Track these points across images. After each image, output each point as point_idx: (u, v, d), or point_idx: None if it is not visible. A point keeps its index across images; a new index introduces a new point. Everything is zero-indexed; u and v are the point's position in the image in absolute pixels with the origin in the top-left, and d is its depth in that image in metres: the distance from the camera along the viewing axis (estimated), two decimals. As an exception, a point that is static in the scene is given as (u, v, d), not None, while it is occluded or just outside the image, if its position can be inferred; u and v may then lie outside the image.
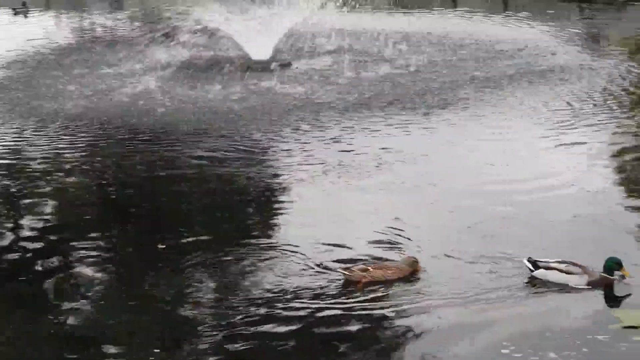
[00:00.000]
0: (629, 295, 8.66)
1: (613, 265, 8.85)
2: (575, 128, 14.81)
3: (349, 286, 8.95)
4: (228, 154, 13.54)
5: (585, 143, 13.92)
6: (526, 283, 8.92)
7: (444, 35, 23.79)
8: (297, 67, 19.80)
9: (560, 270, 8.94)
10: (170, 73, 19.21)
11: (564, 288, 8.80)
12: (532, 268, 9.04)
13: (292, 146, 13.92)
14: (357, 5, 24.32)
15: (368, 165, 12.82)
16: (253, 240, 10.12)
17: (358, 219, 10.83)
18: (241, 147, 13.87)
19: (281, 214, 11.22)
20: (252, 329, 8.10)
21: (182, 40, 21.31)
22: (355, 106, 16.27)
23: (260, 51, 20.25)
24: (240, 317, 8.30)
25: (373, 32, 22.72)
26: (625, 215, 10.84)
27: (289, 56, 20.63)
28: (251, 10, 21.83)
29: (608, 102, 16.62)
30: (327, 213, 11.08)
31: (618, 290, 8.76)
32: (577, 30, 25.16)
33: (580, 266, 8.97)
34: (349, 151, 13.52)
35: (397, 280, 9.07)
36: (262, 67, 19.43)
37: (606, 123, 15.17)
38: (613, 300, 8.67)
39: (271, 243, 10.06)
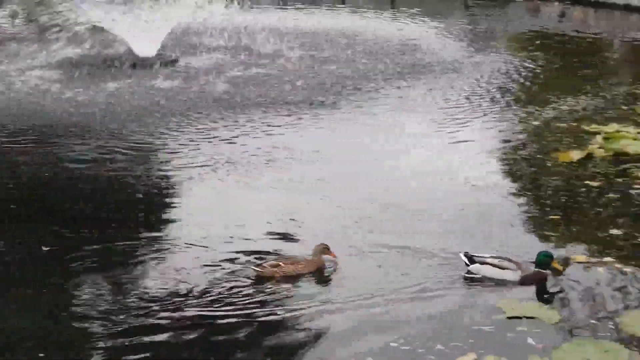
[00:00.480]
0: (562, 291, 8.80)
1: (545, 259, 8.95)
2: (465, 123, 15.12)
3: (261, 282, 8.94)
4: (115, 153, 13.29)
5: (474, 138, 14.26)
6: (464, 276, 9.05)
7: (335, 32, 23.90)
8: (184, 64, 19.57)
9: (494, 265, 9.03)
10: (55, 72, 18.69)
11: (498, 283, 8.90)
12: (467, 262, 9.13)
13: (180, 144, 13.76)
14: (246, 2, 24.22)
15: (258, 162, 12.80)
16: (143, 241, 9.97)
17: (248, 216, 10.78)
18: (128, 146, 13.62)
19: (170, 213, 11.09)
20: (145, 337, 7.96)
21: (67, 38, 20.76)
22: (244, 103, 16.21)
23: (146, 48, 19.92)
24: (131, 320, 8.16)
25: (263, 29, 22.65)
26: (511, 208, 11.15)
27: (175, 53, 20.39)
28: (137, 6, 21.45)
29: (496, 97, 17.01)
30: (217, 211, 11.01)
31: (550, 285, 8.90)
32: (464, 26, 25.65)
33: (514, 262, 9.08)
34: (238, 149, 13.46)
35: (309, 273, 9.12)
36: (149, 65, 19.14)
37: (494, 118, 15.54)
38: (544, 295, 8.75)
39: (161, 242, 9.93)
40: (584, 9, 29.39)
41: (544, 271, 8.95)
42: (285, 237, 10.07)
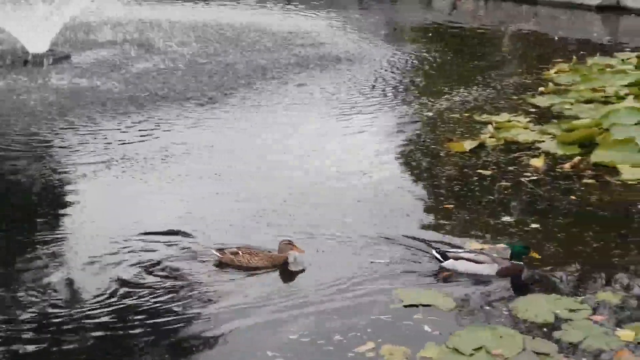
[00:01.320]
0: (538, 281, 8.86)
1: (522, 250, 8.96)
2: (360, 114, 15.27)
3: (221, 268, 9.04)
4: (6, 151, 12.92)
5: (369, 130, 14.41)
6: (436, 273, 9.03)
7: (229, 25, 23.79)
8: (76, 60, 19.17)
9: (470, 260, 9.01)
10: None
11: (474, 278, 8.89)
12: (441, 259, 9.12)
13: (72, 141, 13.46)
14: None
15: (153, 158, 12.62)
16: (33, 239, 9.73)
17: (144, 213, 10.63)
18: (19, 144, 13.27)
19: (63, 211, 10.83)
20: (35, 335, 7.78)
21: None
22: (138, 99, 15.97)
23: (38, 44, 19.43)
24: (26, 327, 7.96)
25: (157, 24, 22.38)
26: (406, 197, 11.31)
27: (68, 49, 19.95)
28: (29, 1, 20.89)
29: (390, 88, 17.24)
30: (112, 209, 10.82)
31: (526, 277, 8.95)
32: (358, 19, 25.89)
33: (489, 255, 9.10)
34: (133, 145, 13.26)
35: (265, 268, 9.07)
36: (40, 61, 18.67)
37: (389, 109, 15.74)
38: (520, 287, 8.76)
39: (54, 240, 9.68)
40: (475, 1, 30.02)
41: (520, 263, 8.95)
42: (183, 232, 9.95)
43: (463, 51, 21.43)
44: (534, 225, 10.30)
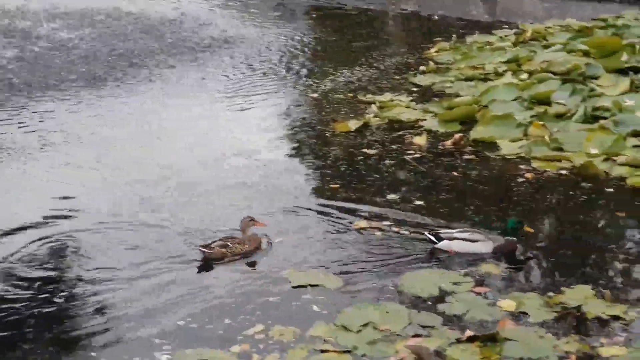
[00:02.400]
0: (531, 257, 8.93)
1: (516, 225, 8.97)
2: (245, 97, 15.20)
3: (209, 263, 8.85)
4: None
5: (255, 112, 14.36)
6: (430, 254, 9.04)
7: (108, 10, 23.26)
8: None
9: (465, 240, 9.00)
10: None
11: (470, 257, 8.89)
12: (435, 240, 9.09)
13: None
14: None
15: (33, 147, 12.28)
16: None
17: (25, 202, 10.35)
18: None
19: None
20: None
21: None
22: (14, 86, 15.46)
23: None
24: None
25: (35, 11, 21.71)
26: (293, 179, 11.33)
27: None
28: None
29: (274, 70, 17.20)
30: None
31: (520, 254, 9.00)
32: (232, 2, 25.65)
33: (482, 233, 9.09)
34: (10, 134, 12.85)
35: (255, 250, 9.07)
36: None
37: (274, 91, 15.71)
38: (516, 263, 8.84)
39: None
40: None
41: (513, 239, 8.98)
42: (66, 220, 9.73)
43: (346, 32, 21.54)
44: (418, 202, 10.48)
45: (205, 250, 8.90)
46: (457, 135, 12.77)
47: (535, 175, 11.36)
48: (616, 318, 7.62)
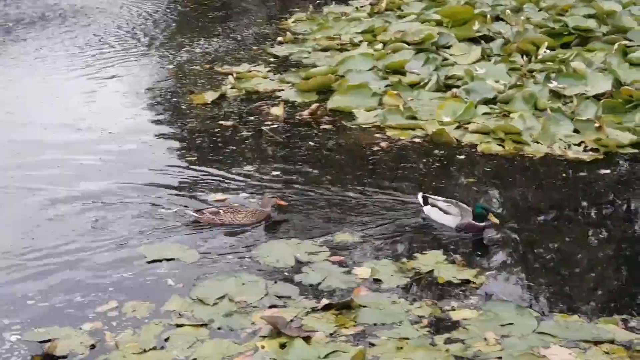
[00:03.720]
0: (498, 243, 8.71)
1: (481, 211, 8.73)
2: (100, 70, 14.87)
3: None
4: None
5: (110, 86, 14.05)
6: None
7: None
8: None
9: (440, 209, 8.94)
10: None
11: (441, 227, 8.89)
12: (422, 203, 9.11)
13: None
14: None
15: None
16: None
17: None
18: None
19: None
20: None
21: None
22: None
23: None
24: None
25: None
26: (149, 152, 11.13)
27: None
28: None
29: (129, 43, 16.85)
30: None
31: (488, 239, 8.80)
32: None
33: (461, 208, 8.92)
34: None
35: (251, 224, 8.94)
36: None
37: (129, 64, 15.41)
38: (480, 245, 8.65)
39: None
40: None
41: (479, 224, 8.77)
42: None
43: (203, 1, 21.26)
44: (275, 173, 10.47)
45: (195, 214, 8.99)
46: (314, 106, 12.81)
47: (389, 143, 11.52)
48: (467, 282, 7.82)
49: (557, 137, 11.48)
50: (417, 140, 11.66)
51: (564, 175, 10.48)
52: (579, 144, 11.33)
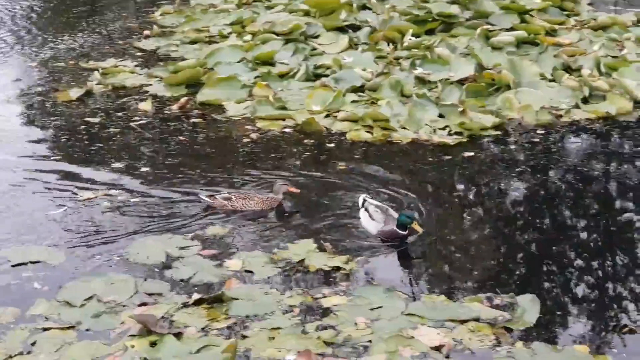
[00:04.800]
0: (423, 253, 8.46)
1: (405, 220, 8.44)
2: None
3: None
4: None
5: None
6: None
7: None
8: None
9: (368, 214, 8.71)
10: None
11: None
12: (359, 205, 8.91)
13: None
14: None
15: None
16: None
17: None
18: None
19: None
20: None
21: None
22: None
23: None
24: None
25: None
26: (9, 154, 10.80)
27: None
28: None
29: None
30: None
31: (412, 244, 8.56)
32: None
33: (388, 215, 8.63)
34: None
35: (262, 210, 9.13)
36: None
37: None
38: (406, 254, 8.40)
39: None
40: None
41: (400, 232, 8.48)
42: None
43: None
44: (144, 169, 10.33)
45: (208, 199, 9.18)
46: (183, 99, 12.70)
47: (260, 135, 11.52)
48: (337, 269, 7.90)
49: (423, 122, 11.72)
50: (287, 130, 11.70)
51: (430, 159, 10.71)
52: (444, 128, 11.60)
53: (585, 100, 12.50)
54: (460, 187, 10.00)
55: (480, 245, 8.54)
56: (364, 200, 9.00)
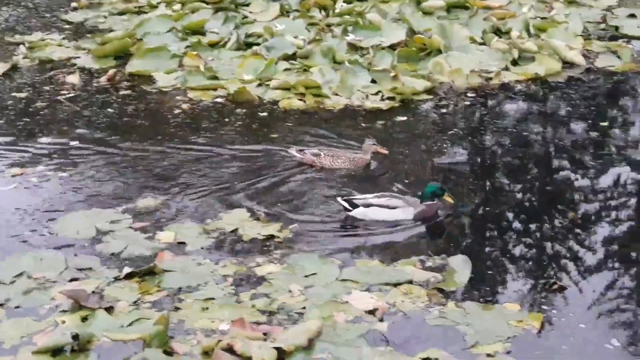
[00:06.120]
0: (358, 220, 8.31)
1: (436, 191, 8.18)
2: None
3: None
4: None
5: None
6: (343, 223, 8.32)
7: None
8: None
9: (382, 206, 8.21)
10: None
11: (388, 225, 8.17)
12: (349, 207, 8.27)
13: None
14: None
15: None
16: None
17: None
18: None
19: None
20: None
21: None
22: None
23: None
24: None
25: None
26: None
27: None
28: None
29: None
30: None
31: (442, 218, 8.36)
32: None
33: (400, 198, 8.30)
34: None
35: (348, 169, 9.30)
36: None
37: None
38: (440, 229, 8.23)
39: None
40: None
41: (435, 202, 8.25)
42: None
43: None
44: (73, 143, 10.14)
45: (297, 154, 9.41)
46: (111, 71, 12.49)
47: (191, 105, 11.40)
48: (271, 237, 7.87)
49: (356, 88, 11.71)
50: (219, 100, 11.59)
51: (364, 124, 10.71)
52: (376, 94, 11.60)
53: (514, 63, 12.62)
54: (393, 151, 10.01)
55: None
56: (349, 201, 8.31)
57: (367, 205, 8.28)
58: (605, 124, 10.77)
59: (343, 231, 8.20)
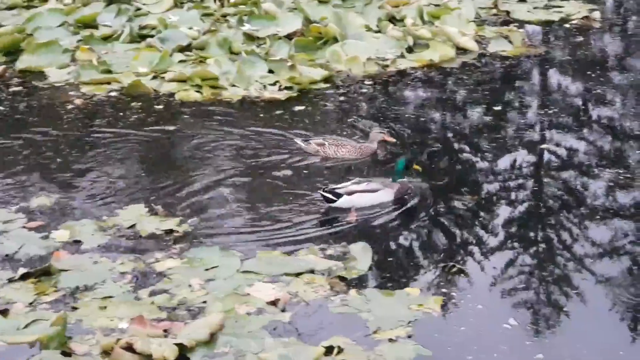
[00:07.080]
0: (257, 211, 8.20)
1: (407, 163, 8.27)
2: None
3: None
4: None
5: None
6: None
7: None
8: None
9: (365, 191, 8.12)
10: None
11: (371, 210, 8.12)
12: (333, 198, 8.08)
13: None
14: None
15: None
16: None
17: None
18: None
19: None
20: None
21: None
22: None
23: None
24: None
25: None
26: None
27: None
28: None
29: None
30: None
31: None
32: None
33: (375, 182, 8.26)
34: None
35: (354, 159, 9.19)
36: None
37: None
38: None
39: None
40: None
41: (405, 180, 8.32)
42: None
43: None
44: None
45: (302, 143, 9.30)
46: (0, 68, 12.11)
47: (84, 100, 11.15)
48: (170, 232, 7.76)
49: (253, 79, 11.64)
50: (113, 94, 11.37)
51: (262, 115, 10.67)
52: (274, 84, 11.55)
53: (410, 50, 12.74)
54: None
55: (311, 200, 8.53)
56: (332, 190, 8.17)
57: (351, 193, 8.19)
58: (499, 108, 10.98)
59: (245, 223, 8.13)
